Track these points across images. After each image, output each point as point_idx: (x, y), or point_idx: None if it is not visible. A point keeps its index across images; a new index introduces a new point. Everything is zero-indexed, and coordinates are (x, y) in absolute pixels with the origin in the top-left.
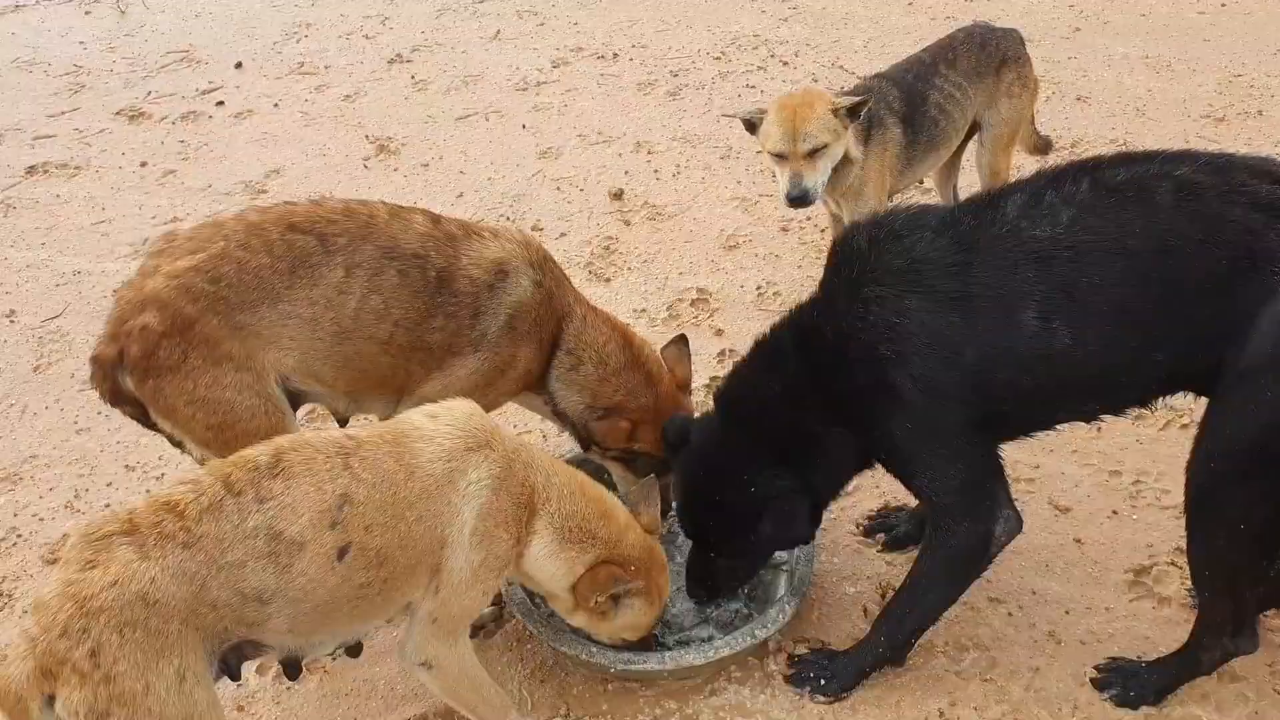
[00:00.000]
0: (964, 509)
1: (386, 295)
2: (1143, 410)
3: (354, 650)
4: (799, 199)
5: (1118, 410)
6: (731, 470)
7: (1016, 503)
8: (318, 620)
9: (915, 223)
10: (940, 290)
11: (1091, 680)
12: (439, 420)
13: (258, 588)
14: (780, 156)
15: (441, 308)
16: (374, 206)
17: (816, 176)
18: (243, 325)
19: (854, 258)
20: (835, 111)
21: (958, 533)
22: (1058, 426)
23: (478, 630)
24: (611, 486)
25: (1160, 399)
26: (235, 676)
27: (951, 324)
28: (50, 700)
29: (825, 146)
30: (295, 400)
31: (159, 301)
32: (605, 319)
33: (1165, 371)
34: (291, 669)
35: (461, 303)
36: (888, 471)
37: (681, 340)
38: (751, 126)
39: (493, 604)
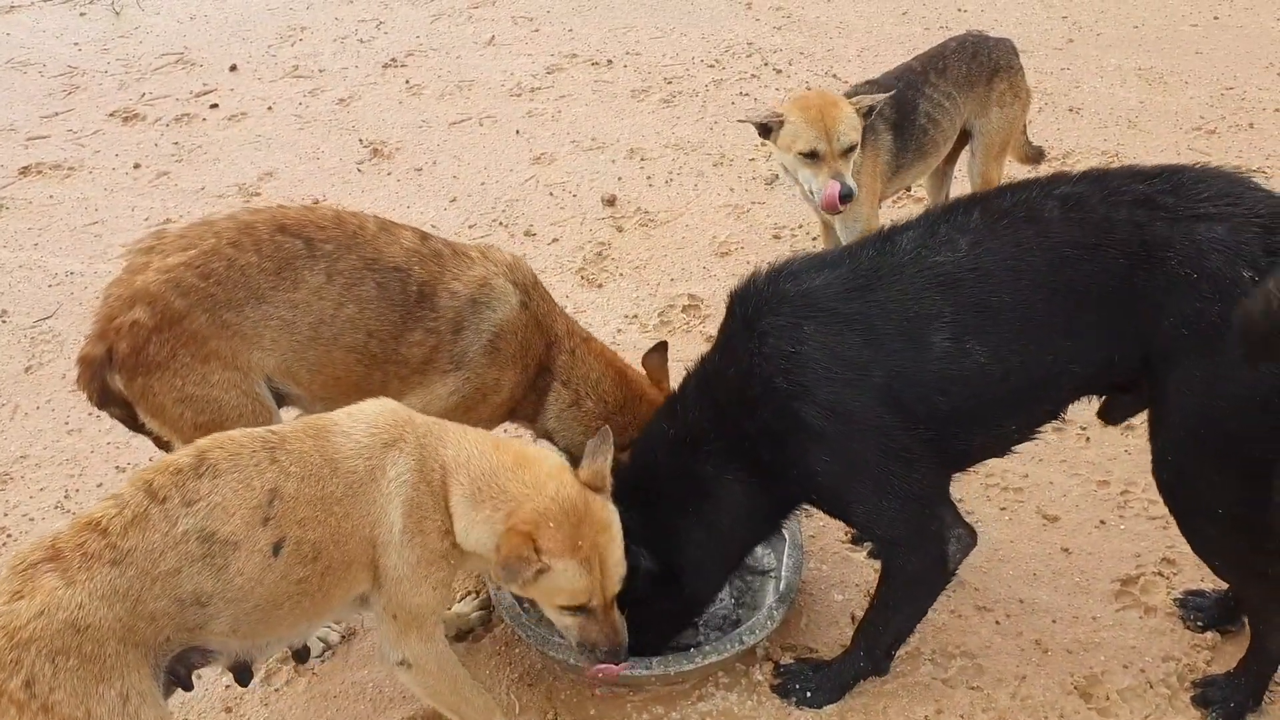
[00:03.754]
0: (910, 540)
1: (363, 305)
2: (1056, 423)
3: (301, 655)
4: (849, 195)
5: (1033, 429)
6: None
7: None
8: (260, 619)
9: (812, 260)
10: (839, 312)
11: (1192, 699)
12: (354, 416)
13: (195, 591)
14: (812, 156)
15: (421, 322)
16: (365, 218)
17: (850, 174)
18: (229, 324)
19: (750, 295)
20: (857, 111)
21: (911, 562)
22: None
23: (465, 634)
24: None
25: (1076, 401)
26: (187, 686)
27: (853, 345)
28: None
29: (854, 145)
30: (280, 402)
31: (149, 296)
32: (597, 351)
33: (1083, 381)
34: (242, 675)
35: (442, 318)
36: (825, 513)
37: (662, 348)
38: (766, 130)
39: (480, 608)
